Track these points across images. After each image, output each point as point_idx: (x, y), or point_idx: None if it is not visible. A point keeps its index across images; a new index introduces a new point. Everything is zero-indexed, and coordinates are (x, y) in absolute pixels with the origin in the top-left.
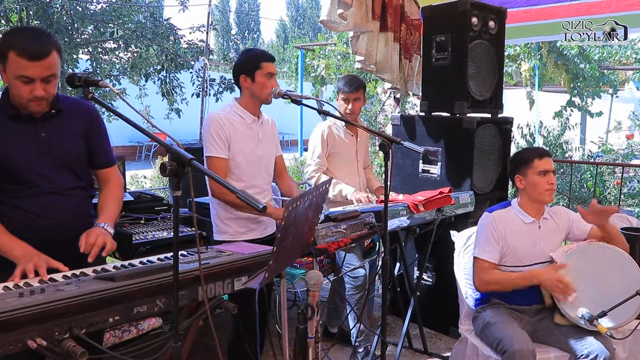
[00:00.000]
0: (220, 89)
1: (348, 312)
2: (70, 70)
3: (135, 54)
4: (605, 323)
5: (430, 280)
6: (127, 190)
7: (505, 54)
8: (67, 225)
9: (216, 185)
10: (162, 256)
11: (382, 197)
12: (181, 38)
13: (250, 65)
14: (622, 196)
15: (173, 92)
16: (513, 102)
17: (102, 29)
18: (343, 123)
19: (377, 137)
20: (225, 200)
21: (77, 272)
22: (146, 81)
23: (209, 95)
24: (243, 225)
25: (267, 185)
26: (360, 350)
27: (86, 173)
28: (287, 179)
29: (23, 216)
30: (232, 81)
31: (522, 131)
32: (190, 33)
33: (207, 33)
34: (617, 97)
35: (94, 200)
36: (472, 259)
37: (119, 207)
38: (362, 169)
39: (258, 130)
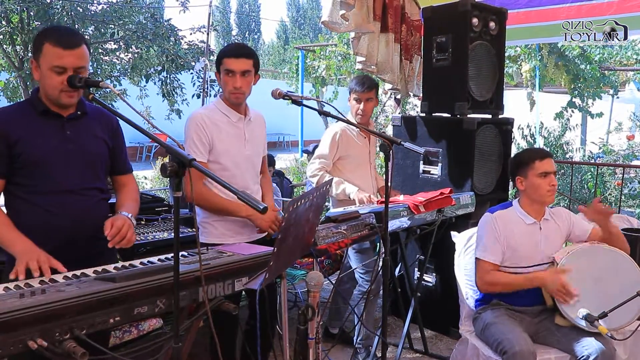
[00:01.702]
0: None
1: (348, 313)
2: None
3: (135, 55)
4: (606, 324)
5: (431, 281)
6: None
7: (506, 54)
8: (84, 224)
9: (196, 191)
10: (162, 257)
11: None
12: (182, 39)
13: (217, 61)
14: (622, 197)
15: (174, 92)
16: (514, 103)
17: (102, 30)
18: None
19: (377, 138)
20: (205, 206)
21: (78, 272)
22: (147, 82)
23: (210, 96)
24: (230, 228)
25: (256, 186)
26: (362, 351)
27: (104, 176)
28: (266, 178)
29: (40, 213)
30: None
31: (522, 132)
32: (190, 34)
33: (207, 34)
34: (617, 97)
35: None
36: (474, 260)
37: (137, 208)
38: (374, 171)
39: (245, 129)
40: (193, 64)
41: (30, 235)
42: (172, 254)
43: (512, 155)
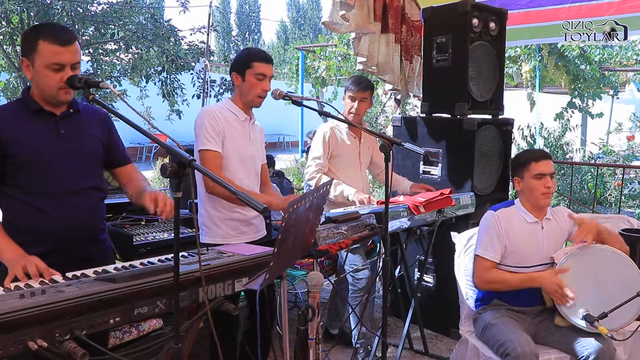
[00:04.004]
0: (221, 90)
1: (349, 313)
2: None
3: (135, 55)
4: (606, 324)
5: (431, 281)
6: None
7: (506, 55)
8: (81, 225)
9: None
10: (162, 257)
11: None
12: (182, 39)
13: (242, 63)
14: (622, 197)
15: (174, 93)
16: (514, 104)
17: (102, 30)
18: (346, 125)
19: (378, 139)
20: (220, 194)
21: (78, 273)
22: (147, 82)
23: (210, 96)
24: (235, 227)
25: (256, 186)
26: (361, 351)
27: (101, 174)
28: (268, 186)
29: (36, 214)
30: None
31: (522, 132)
32: (190, 34)
33: (207, 34)
34: (617, 98)
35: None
36: (473, 256)
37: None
38: (365, 171)
39: (250, 130)
40: (193, 64)
41: (27, 236)
42: (172, 255)
43: (513, 155)
